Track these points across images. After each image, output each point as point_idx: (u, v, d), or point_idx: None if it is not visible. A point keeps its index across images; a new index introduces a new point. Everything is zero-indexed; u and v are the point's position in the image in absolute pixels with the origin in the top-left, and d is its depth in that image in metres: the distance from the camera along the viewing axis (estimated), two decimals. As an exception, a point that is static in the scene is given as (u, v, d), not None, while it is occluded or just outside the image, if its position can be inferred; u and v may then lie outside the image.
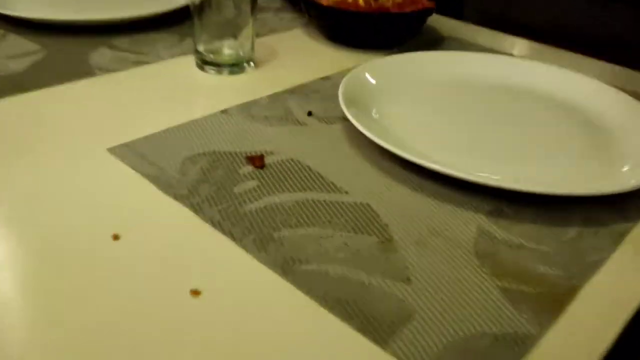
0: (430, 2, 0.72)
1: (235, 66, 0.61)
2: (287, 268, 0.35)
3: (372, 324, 0.31)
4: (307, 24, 0.77)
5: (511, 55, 0.71)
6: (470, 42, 0.75)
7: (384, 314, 0.32)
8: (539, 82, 0.59)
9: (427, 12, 0.70)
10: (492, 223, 0.40)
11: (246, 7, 0.60)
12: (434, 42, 0.75)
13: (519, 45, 0.76)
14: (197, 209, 0.39)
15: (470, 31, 0.79)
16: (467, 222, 0.40)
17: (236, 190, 0.42)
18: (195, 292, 0.33)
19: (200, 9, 0.60)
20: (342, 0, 0.69)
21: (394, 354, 0.30)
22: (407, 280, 0.34)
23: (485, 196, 0.43)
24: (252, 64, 0.62)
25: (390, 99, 0.55)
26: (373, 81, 0.56)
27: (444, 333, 0.31)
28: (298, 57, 0.67)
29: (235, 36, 0.60)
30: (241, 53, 0.61)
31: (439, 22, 0.82)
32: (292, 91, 0.58)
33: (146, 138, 0.47)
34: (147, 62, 0.62)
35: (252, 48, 0.62)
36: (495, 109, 0.55)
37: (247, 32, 0.60)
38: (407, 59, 0.61)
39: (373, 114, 0.52)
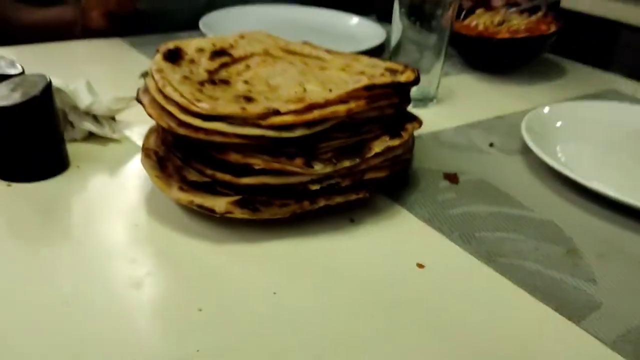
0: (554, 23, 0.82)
1: (420, 101, 0.72)
2: (489, 258, 0.44)
3: (566, 307, 0.39)
4: (471, 70, 0.86)
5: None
6: (630, 95, 0.81)
7: (575, 301, 0.40)
8: None
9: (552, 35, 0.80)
10: (665, 249, 0.46)
11: (434, 52, 0.70)
12: (594, 94, 0.81)
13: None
14: (409, 208, 0.49)
15: (628, 85, 0.84)
16: (642, 245, 0.47)
17: (439, 198, 0.52)
18: (420, 265, 0.42)
19: (394, 52, 0.72)
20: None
21: (585, 329, 0.37)
22: (594, 281, 0.42)
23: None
24: (435, 100, 0.73)
25: (570, 140, 0.62)
26: (556, 123, 0.64)
27: (630, 321, 0.38)
28: (471, 97, 0.77)
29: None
30: (431, 90, 0.71)
31: (589, 73, 0.88)
32: (472, 125, 0.67)
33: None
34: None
35: (438, 87, 0.72)
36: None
37: (436, 72, 0.71)
38: (585, 107, 0.68)
39: (557, 151, 0.59)
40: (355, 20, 1.03)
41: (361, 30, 0.99)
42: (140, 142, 0.51)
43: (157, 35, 0.92)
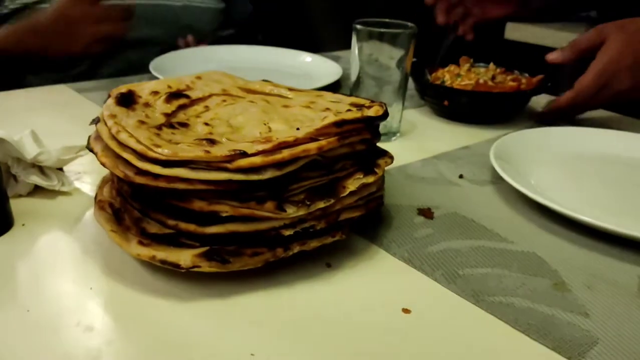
0: (532, 79, 0.81)
1: (384, 135, 0.70)
2: (478, 298, 0.41)
3: (563, 345, 0.37)
4: (427, 104, 0.86)
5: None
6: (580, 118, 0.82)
7: (572, 338, 0.38)
8: None
9: (536, 90, 0.78)
10: (649, 275, 0.45)
11: (394, 87, 0.69)
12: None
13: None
14: (387, 248, 0.47)
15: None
16: (628, 271, 0.45)
17: (416, 235, 0.49)
18: (406, 310, 0.40)
19: (354, 87, 0.70)
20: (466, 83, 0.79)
21: (588, 370, 0.35)
22: (586, 315, 0.40)
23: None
24: (398, 134, 0.71)
25: (540, 167, 0.61)
26: (524, 150, 0.64)
27: (630, 357, 0.36)
28: (432, 130, 0.76)
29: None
30: (393, 124, 0.70)
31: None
32: (439, 157, 0.66)
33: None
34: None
35: (400, 120, 0.71)
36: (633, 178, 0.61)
37: (397, 106, 0.70)
38: (551, 132, 0.69)
39: (527, 177, 0.58)
40: (309, 58, 1.02)
41: (316, 67, 0.98)
42: (92, 194, 0.47)
43: (105, 80, 0.89)
